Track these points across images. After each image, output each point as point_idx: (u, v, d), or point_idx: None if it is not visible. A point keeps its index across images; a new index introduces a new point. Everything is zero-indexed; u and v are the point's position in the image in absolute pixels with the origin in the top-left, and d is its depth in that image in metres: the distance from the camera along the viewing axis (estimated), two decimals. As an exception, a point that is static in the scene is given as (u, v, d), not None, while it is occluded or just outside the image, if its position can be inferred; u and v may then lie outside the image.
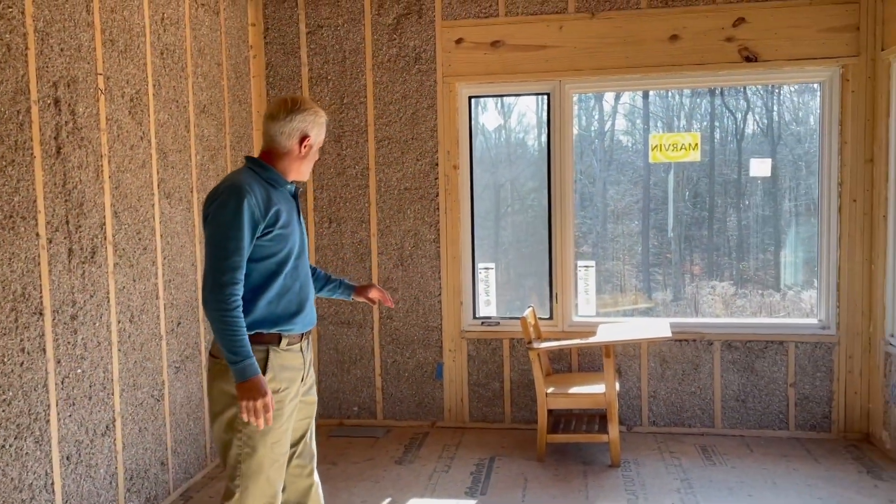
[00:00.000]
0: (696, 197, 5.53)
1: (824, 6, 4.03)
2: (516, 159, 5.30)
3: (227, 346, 2.14)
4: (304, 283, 2.38)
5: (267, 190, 2.28)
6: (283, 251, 2.28)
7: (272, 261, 2.27)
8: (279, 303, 2.30)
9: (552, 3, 4.29)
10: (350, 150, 4.52)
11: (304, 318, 2.36)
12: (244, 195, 2.18)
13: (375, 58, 4.46)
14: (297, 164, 2.36)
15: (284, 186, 2.35)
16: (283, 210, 2.28)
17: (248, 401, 2.12)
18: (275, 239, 2.25)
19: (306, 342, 2.42)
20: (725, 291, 5.45)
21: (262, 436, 2.24)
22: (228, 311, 2.14)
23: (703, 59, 4.17)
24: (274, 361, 2.27)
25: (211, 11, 3.96)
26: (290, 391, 2.31)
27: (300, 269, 2.37)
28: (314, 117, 2.34)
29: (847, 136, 4.07)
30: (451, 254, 4.47)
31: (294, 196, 2.41)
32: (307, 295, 2.39)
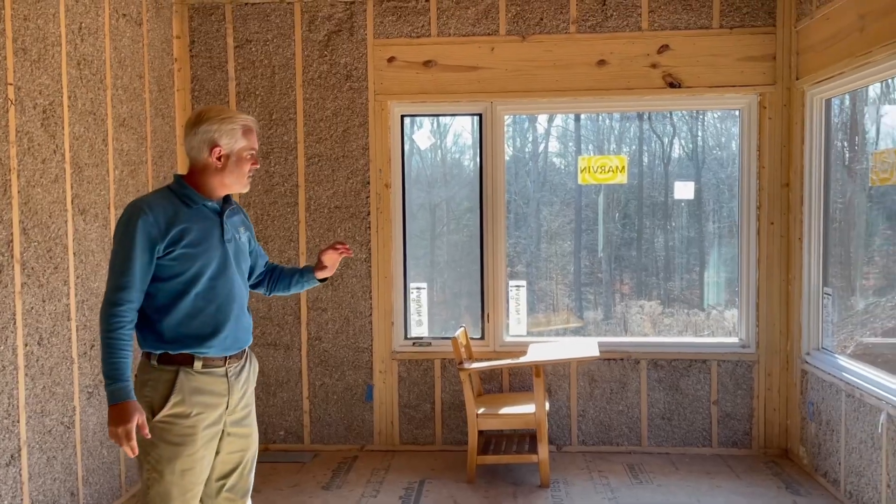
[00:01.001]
0: (626, 218, 5.65)
1: (743, 36, 4.19)
2: (452, 179, 5.31)
3: (103, 367, 2.09)
4: (225, 304, 2.27)
5: (176, 208, 2.20)
6: (189, 271, 2.19)
7: (178, 280, 2.19)
8: (190, 324, 2.21)
9: (484, 25, 4.33)
10: (279, 167, 4.43)
11: (222, 341, 2.25)
12: (139, 214, 2.13)
13: (306, 74, 4.40)
14: (219, 177, 2.26)
15: (201, 204, 2.26)
16: (191, 229, 2.19)
17: (113, 426, 2.04)
18: (179, 259, 2.17)
19: (236, 367, 2.31)
20: (653, 310, 5.57)
21: (168, 462, 2.15)
22: (110, 331, 2.09)
23: (629, 84, 4.27)
24: (184, 384, 2.18)
25: (133, 22, 3.83)
26: (204, 417, 2.21)
27: (219, 289, 2.25)
28: (220, 125, 2.23)
29: (765, 161, 4.23)
30: (382, 273, 4.41)
31: (221, 214, 2.31)
32: (227, 317, 2.27)
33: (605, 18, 4.26)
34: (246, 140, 2.27)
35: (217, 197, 2.30)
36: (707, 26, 4.21)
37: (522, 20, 4.30)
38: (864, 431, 3.38)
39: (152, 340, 2.20)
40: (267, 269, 2.65)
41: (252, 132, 2.30)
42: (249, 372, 2.39)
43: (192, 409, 2.18)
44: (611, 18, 4.26)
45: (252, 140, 2.29)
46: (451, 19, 4.34)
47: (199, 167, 2.26)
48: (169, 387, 2.16)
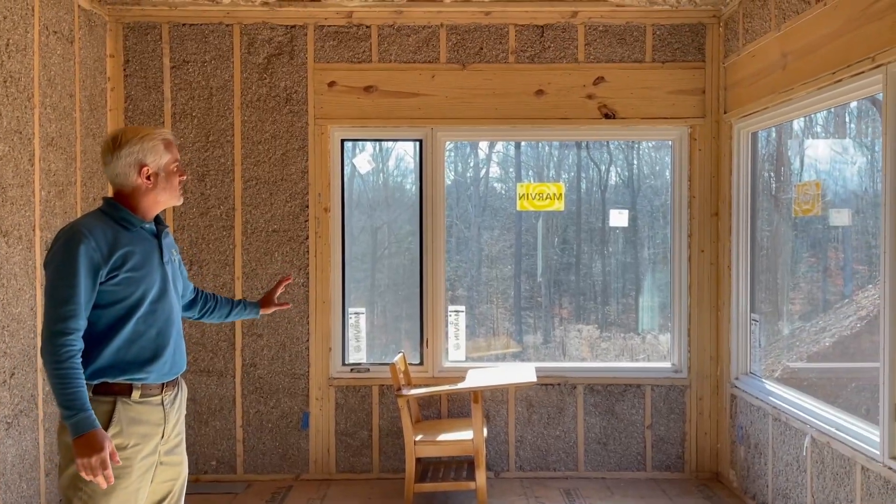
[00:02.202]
0: (565, 243, 5.74)
1: (674, 70, 4.35)
2: (394, 202, 5.30)
3: (60, 399, 1.99)
4: (165, 328, 2.22)
5: (116, 232, 2.14)
6: (133, 295, 2.15)
7: (121, 306, 2.13)
8: (129, 349, 2.15)
9: (424, 53, 4.36)
10: (215, 190, 4.35)
11: (161, 366, 2.20)
12: (81, 239, 2.06)
13: (244, 96, 4.35)
14: (152, 195, 2.22)
15: (139, 226, 2.21)
16: (134, 252, 2.15)
17: (83, 457, 1.96)
18: (122, 283, 2.12)
19: (171, 395, 2.25)
20: (591, 334, 5.65)
21: (104, 495, 2.07)
22: (60, 361, 1.99)
23: (566, 113, 4.37)
24: (122, 414, 2.11)
25: (64, 40, 3.73)
26: (142, 448, 2.13)
27: (159, 313, 2.21)
28: (142, 144, 2.19)
29: (695, 191, 4.37)
30: (320, 298, 4.36)
31: (157, 236, 2.26)
32: (167, 341, 2.22)
33: (543, 50, 4.36)
34: (169, 153, 2.24)
35: (150, 218, 2.26)
36: (640, 60, 4.35)
37: (462, 49, 4.36)
38: (791, 454, 3.49)
39: (93, 369, 2.12)
40: (199, 295, 2.61)
41: (172, 144, 2.27)
42: (181, 399, 2.34)
43: (130, 440, 2.11)
44: (548, 50, 4.36)
45: (175, 152, 2.27)
46: (392, 46, 4.36)
47: (127, 190, 2.21)
48: (107, 418, 2.08)
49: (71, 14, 3.81)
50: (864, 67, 2.88)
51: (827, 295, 4.62)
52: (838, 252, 4.42)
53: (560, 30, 4.36)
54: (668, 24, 4.33)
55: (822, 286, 4.64)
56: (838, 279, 4.57)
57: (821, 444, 3.21)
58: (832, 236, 4.50)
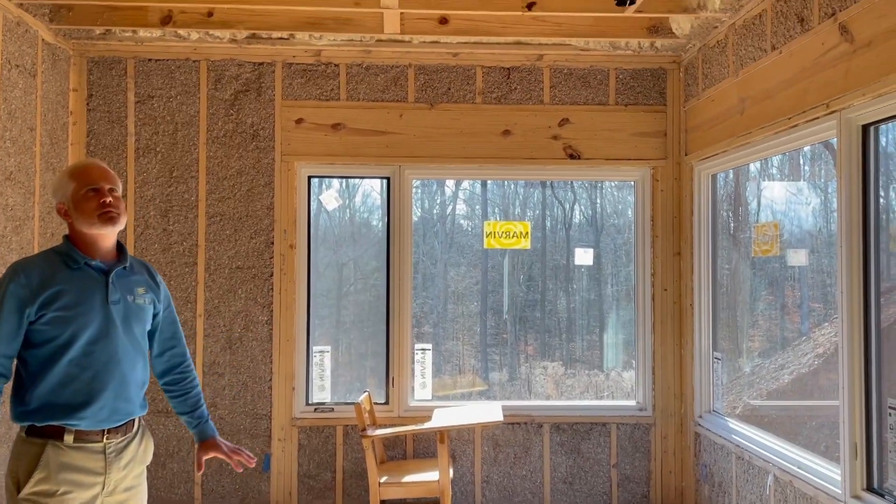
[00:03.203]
0: (530, 280, 5.77)
1: (636, 113, 4.45)
2: (360, 238, 5.28)
3: None
4: (103, 372, 2.12)
5: (55, 270, 2.11)
6: (62, 336, 2.08)
7: (51, 346, 2.07)
8: (61, 392, 2.07)
9: (393, 92, 4.40)
10: (178, 226, 4.29)
11: (96, 412, 2.10)
12: (12, 277, 2.06)
13: (210, 132, 4.32)
14: (77, 228, 2.18)
15: (83, 264, 2.15)
16: (67, 291, 2.09)
17: None
18: (52, 322, 2.07)
19: (118, 443, 2.15)
20: (556, 372, 5.66)
21: None
22: None
23: (532, 153, 4.43)
24: (51, 458, 2.02)
25: (27, 74, 3.67)
26: (73, 497, 2.05)
27: (97, 356, 2.12)
28: (55, 183, 2.24)
29: (658, 230, 4.45)
30: (284, 336, 4.30)
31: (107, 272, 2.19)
32: (104, 386, 2.12)
33: (510, 91, 4.43)
34: (75, 181, 2.18)
35: (96, 254, 2.19)
36: (604, 102, 4.45)
37: (431, 89, 4.41)
38: (754, 493, 3.51)
39: (20, 411, 2.06)
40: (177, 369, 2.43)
41: (84, 170, 2.20)
42: (138, 450, 2.24)
43: (59, 486, 2.03)
44: (515, 91, 4.43)
45: (85, 178, 2.18)
46: (360, 84, 4.39)
47: (69, 228, 2.23)
48: (34, 461, 2.01)
49: (34, 48, 3.76)
50: (818, 113, 2.98)
51: (785, 332, 4.72)
52: (795, 290, 4.52)
53: (526, 72, 4.44)
54: (630, 68, 4.45)
55: (780, 324, 4.74)
56: (796, 317, 4.67)
57: (783, 482, 3.24)
58: (789, 275, 4.61)
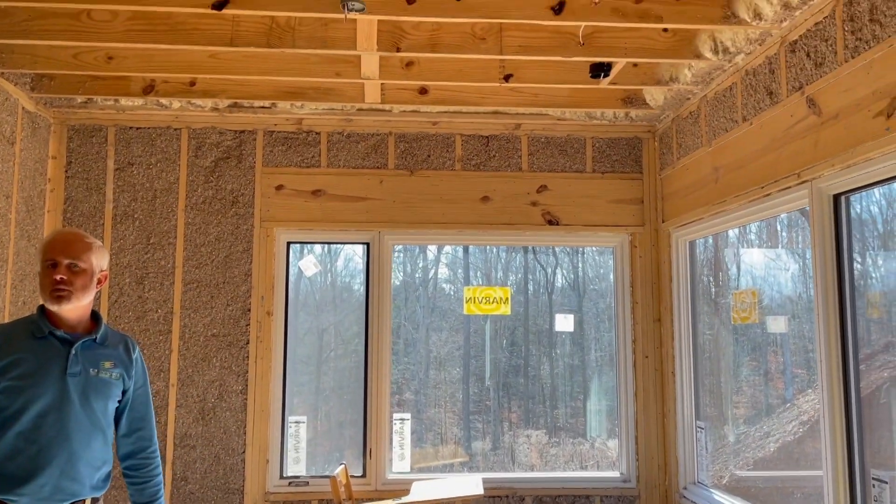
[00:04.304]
0: (513, 346, 5.71)
1: (614, 181, 4.51)
2: (342, 303, 5.23)
3: None
4: (50, 446, 2.02)
5: (20, 338, 2.07)
6: (13, 406, 2.01)
7: (1, 416, 2.01)
8: (6, 465, 1.99)
9: (373, 159, 4.44)
10: (153, 293, 4.23)
11: (37, 489, 2.00)
12: None
13: (189, 199, 4.31)
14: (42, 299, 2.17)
15: (48, 333, 2.10)
16: (25, 360, 2.03)
17: None
18: (5, 392, 2.01)
19: None
20: (540, 440, 5.55)
21: None
22: None
23: (511, 219, 4.45)
24: None
25: (5, 141, 3.67)
26: None
27: (46, 429, 2.03)
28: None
29: (637, 296, 4.45)
30: (259, 406, 4.19)
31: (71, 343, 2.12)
32: (48, 462, 2.02)
33: (489, 158, 4.49)
34: (40, 252, 2.19)
35: (62, 324, 2.14)
36: (581, 170, 4.51)
37: (411, 156, 4.46)
38: (741, 568, 3.41)
39: None
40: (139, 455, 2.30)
41: (49, 242, 2.19)
42: None
43: None
44: (493, 159, 4.49)
45: (46, 250, 2.16)
46: (341, 151, 4.43)
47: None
48: None
49: (14, 116, 3.77)
50: (790, 183, 3.03)
51: (769, 399, 4.67)
52: (778, 356, 4.50)
53: (504, 140, 4.50)
54: (606, 137, 4.53)
55: (764, 390, 4.70)
56: (780, 383, 4.63)
57: (771, 557, 3.15)
58: (771, 340, 4.59)
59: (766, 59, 3.21)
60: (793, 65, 3.01)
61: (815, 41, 2.84)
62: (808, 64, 2.90)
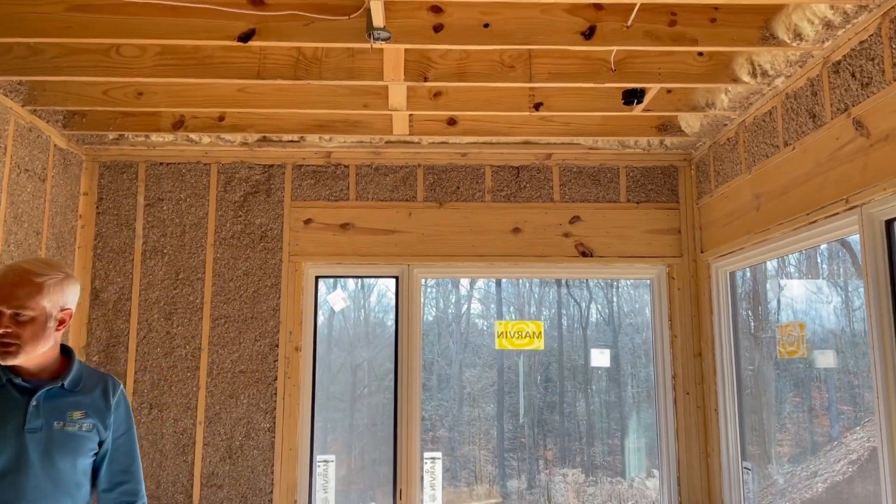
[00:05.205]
0: (548, 382, 5.57)
1: (649, 210, 4.38)
2: (375, 339, 5.15)
3: None
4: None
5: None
6: None
7: None
8: None
9: (402, 192, 4.38)
10: (181, 329, 4.18)
11: None
12: None
13: (218, 233, 4.29)
14: None
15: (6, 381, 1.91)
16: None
17: None
18: None
19: None
20: (577, 479, 5.36)
21: None
22: None
23: (543, 251, 4.34)
24: None
25: (36, 178, 3.69)
26: None
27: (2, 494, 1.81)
28: None
29: (676, 330, 4.28)
30: (287, 445, 4.09)
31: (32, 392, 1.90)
32: None
33: (519, 189, 4.40)
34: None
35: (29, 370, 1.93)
36: (615, 200, 4.39)
37: (440, 188, 4.39)
38: None
39: None
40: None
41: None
42: None
43: None
44: (524, 189, 4.40)
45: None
46: (369, 185, 4.38)
47: None
48: None
49: (46, 153, 3.80)
50: (838, 209, 2.88)
51: (814, 436, 4.46)
52: (822, 392, 4.30)
53: (535, 170, 4.42)
54: (640, 166, 4.42)
55: (809, 427, 4.49)
56: (824, 420, 4.42)
57: None
58: (814, 376, 4.39)
59: (808, 80, 3.08)
60: (837, 86, 2.88)
61: (861, 60, 2.72)
62: (853, 84, 2.77)
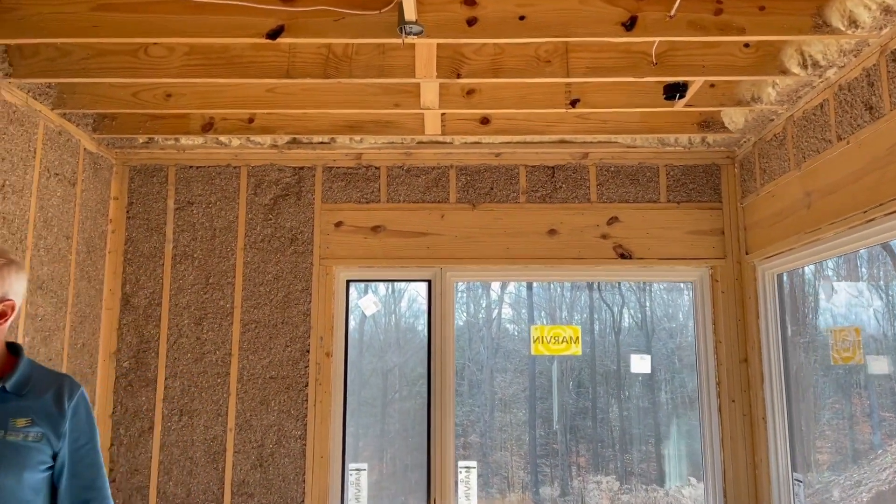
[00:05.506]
0: (580, 387, 5.45)
1: (690, 210, 4.22)
2: (406, 344, 5.09)
3: None
4: None
5: None
6: None
7: None
8: None
9: (434, 193, 4.28)
10: (212, 334, 4.12)
11: None
12: None
13: (248, 237, 4.23)
14: None
15: None
16: None
17: None
18: None
19: None
20: (611, 486, 5.23)
21: None
22: None
23: (580, 253, 4.20)
24: None
25: (66, 182, 3.66)
26: None
27: None
28: None
29: (720, 335, 4.10)
30: (318, 452, 4.01)
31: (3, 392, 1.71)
32: None
33: (555, 190, 4.27)
34: None
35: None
36: (655, 200, 4.24)
37: (473, 189, 4.28)
38: None
39: None
40: None
41: None
42: None
43: None
44: (560, 190, 4.27)
45: None
46: (401, 186, 4.29)
47: None
48: None
49: (76, 157, 3.77)
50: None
51: (856, 444, 4.29)
52: (863, 399, 4.13)
53: (571, 170, 4.29)
54: (681, 164, 4.26)
55: (850, 434, 4.32)
56: (865, 427, 4.26)
57: None
58: (854, 381, 4.21)
59: (864, 70, 2.91)
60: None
61: (924, 47, 2.55)
62: (915, 73, 2.60)
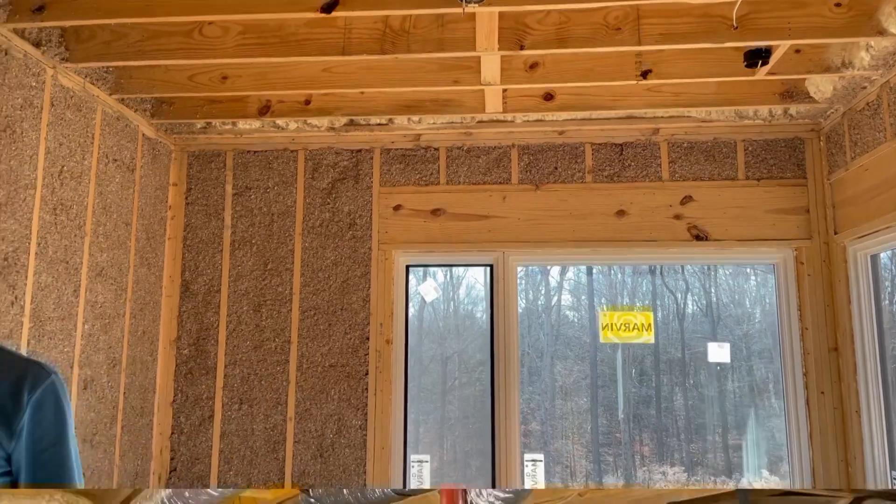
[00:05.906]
0: (643, 375, 5.25)
1: (771, 188, 3.93)
2: (464, 331, 4.99)
3: None
4: None
5: None
6: None
7: None
8: None
9: (495, 174, 4.11)
10: (270, 321, 4.06)
11: None
12: None
13: (306, 222, 4.14)
14: None
15: None
16: None
17: None
18: None
19: None
20: (677, 478, 5.01)
21: None
22: None
23: (652, 235, 3.97)
24: None
25: (125, 168, 3.63)
26: None
27: None
28: None
29: (807, 321, 3.81)
30: (379, 443, 3.90)
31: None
32: None
33: (623, 168, 4.04)
34: None
35: None
36: (732, 177, 3.96)
37: (535, 169, 4.09)
38: None
39: None
40: None
41: None
42: None
43: None
44: (629, 168, 4.03)
45: None
46: (461, 167, 4.13)
47: None
48: None
49: (134, 143, 3.73)
50: None
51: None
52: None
53: (640, 147, 4.04)
54: (760, 139, 3.97)
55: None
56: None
57: None
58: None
59: (981, 26, 2.60)
60: None
61: None
62: None
